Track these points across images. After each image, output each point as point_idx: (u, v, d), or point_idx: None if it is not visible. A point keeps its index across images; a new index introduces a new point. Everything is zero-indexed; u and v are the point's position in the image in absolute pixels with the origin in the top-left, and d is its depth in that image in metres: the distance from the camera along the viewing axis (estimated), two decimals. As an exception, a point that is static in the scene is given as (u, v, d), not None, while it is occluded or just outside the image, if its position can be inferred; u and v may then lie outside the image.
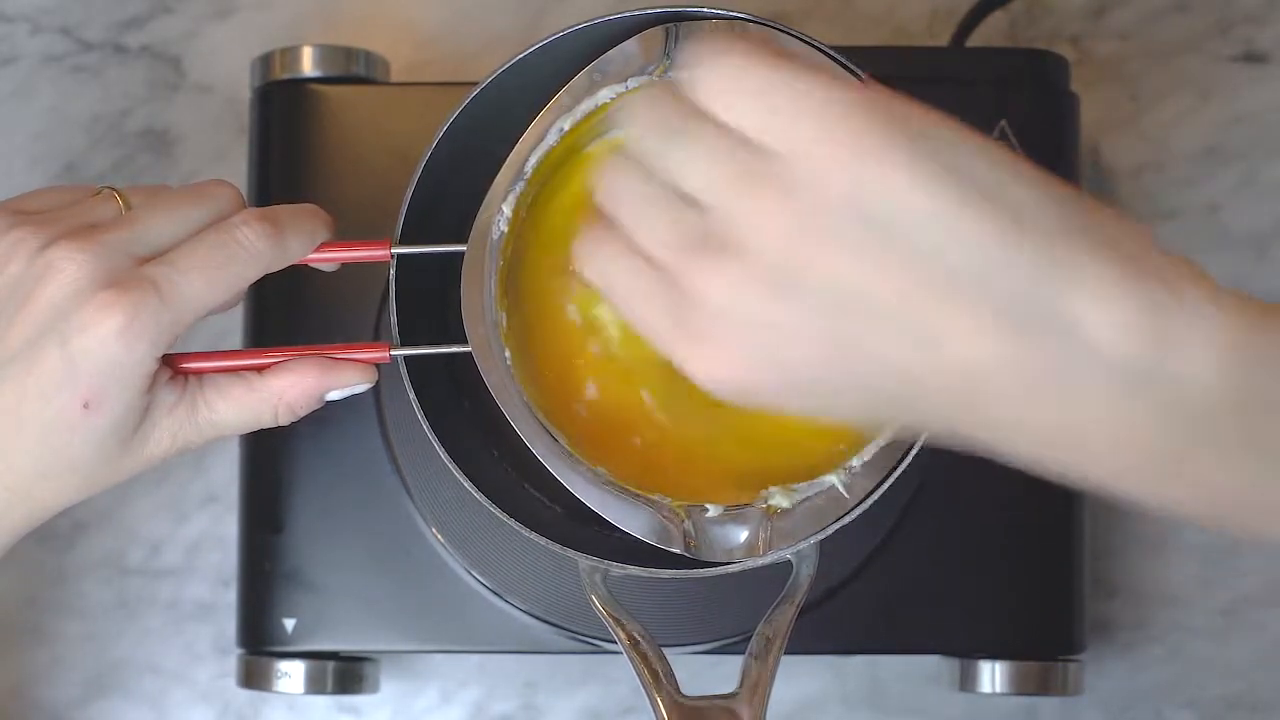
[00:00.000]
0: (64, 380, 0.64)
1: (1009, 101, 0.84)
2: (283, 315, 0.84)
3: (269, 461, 0.84)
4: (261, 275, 0.67)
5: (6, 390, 0.65)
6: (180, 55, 0.95)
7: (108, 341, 0.64)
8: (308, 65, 0.86)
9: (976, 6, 0.91)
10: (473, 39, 0.94)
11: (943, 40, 0.93)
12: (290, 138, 0.85)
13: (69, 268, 0.64)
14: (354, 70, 0.86)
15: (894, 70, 0.72)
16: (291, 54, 0.86)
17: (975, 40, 0.91)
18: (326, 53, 0.86)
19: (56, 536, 0.91)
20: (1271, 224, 0.93)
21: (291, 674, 0.83)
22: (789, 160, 0.53)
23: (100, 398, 0.64)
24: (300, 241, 0.68)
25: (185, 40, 0.95)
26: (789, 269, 0.53)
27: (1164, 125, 0.94)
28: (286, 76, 0.86)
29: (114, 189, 0.68)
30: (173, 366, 0.67)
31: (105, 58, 0.95)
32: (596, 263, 0.58)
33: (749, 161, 0.54)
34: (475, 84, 0.71)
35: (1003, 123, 0.83)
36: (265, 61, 0.86)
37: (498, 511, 0.70)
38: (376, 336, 0.82)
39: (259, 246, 0.67)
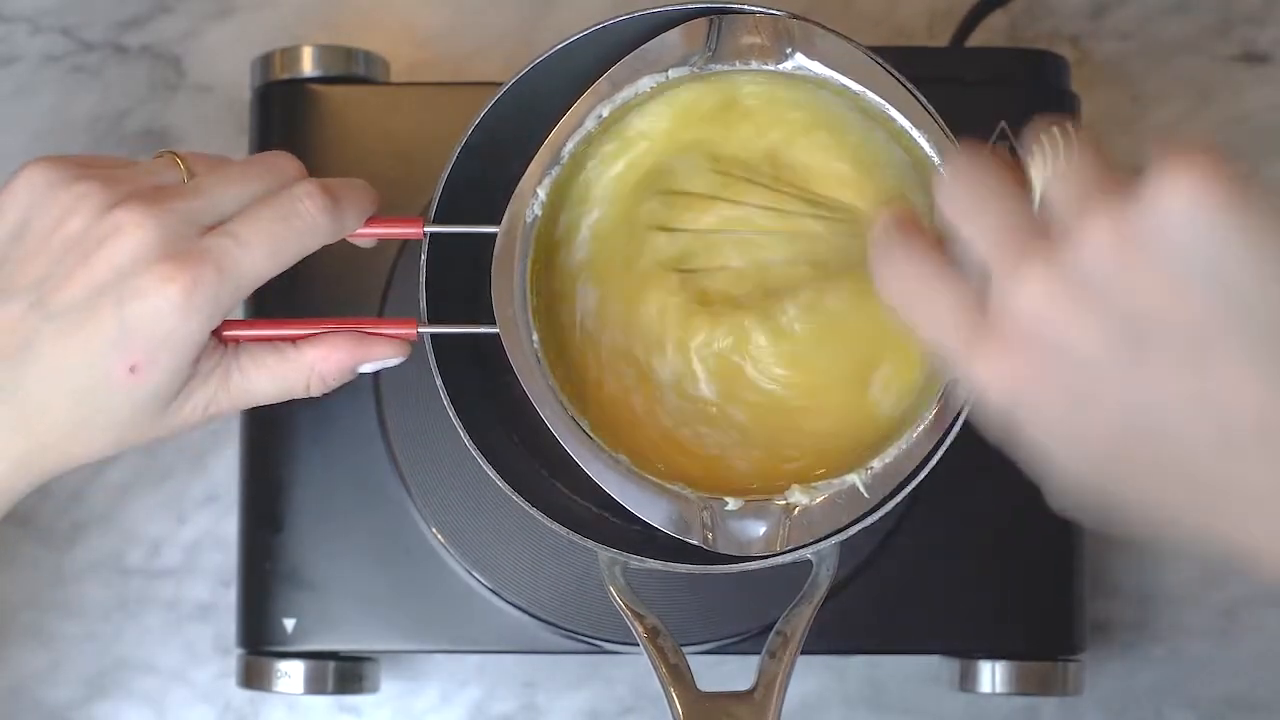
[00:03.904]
0: (115, 342, 0.64)
1: (1009, 101, 0.84)
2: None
3: (269, 461, 0.84)
4: (319, 248, 0.67)
5: (54, 341, 0.65)
6: (180, 55, 0.95)
7: (164, 312, 0.64)
8: (308, 65, 0.86)
9: (976, 6, 0.91)
10: (473, 39, 0.94)
11: (943, 40, 0.93)
12: (290, 138, 0.85)
13: (136, 233, 0.64)
14: (354, 70, 0.86)
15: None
16: (291, 54, 0.86)
17: (975, 40, 0.91)
18: (326, 53, 0.86)
19: (56, 536, 0.91)
20: (1271, 224, 0.93)
21: (291, 674, 0.83)
22: (1134, 189, 0.53)
23: (148, 363, 0.64)
24: (355, 215, 0.68)
25: (185, 40, 0.95)
26: (1099, 283, 0.53)
27: (1164, 125, 0.94)
28: (286, 76, 0.86)
29: (176, 153, 0.68)
30: (214, 333, 0.67)
31: (105, 58, 0.95)
32: (891, 262, 0.58)
33: (1097, 183, 0.54)
34: (498, 85, 0.71)
35: (1003, 123, 0.83)
36: (265, 61, 0.86)
37: (518, 499, 0.69)
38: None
39: (320, 220, 0.67)
